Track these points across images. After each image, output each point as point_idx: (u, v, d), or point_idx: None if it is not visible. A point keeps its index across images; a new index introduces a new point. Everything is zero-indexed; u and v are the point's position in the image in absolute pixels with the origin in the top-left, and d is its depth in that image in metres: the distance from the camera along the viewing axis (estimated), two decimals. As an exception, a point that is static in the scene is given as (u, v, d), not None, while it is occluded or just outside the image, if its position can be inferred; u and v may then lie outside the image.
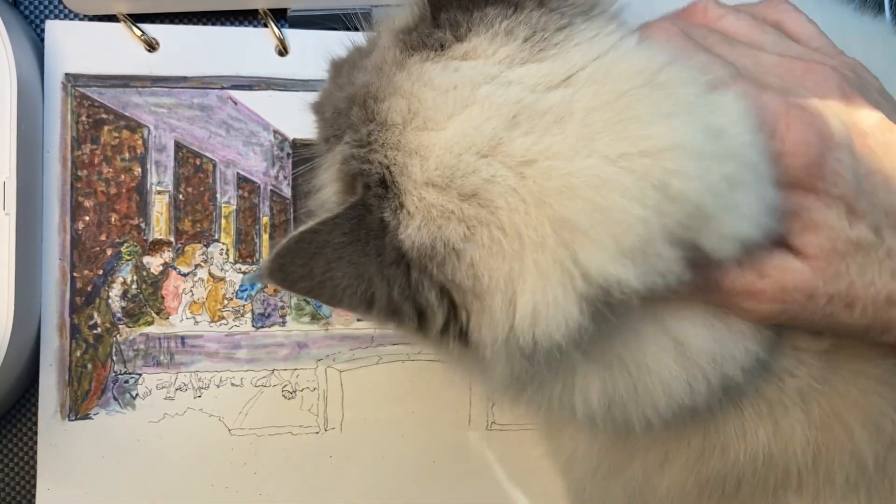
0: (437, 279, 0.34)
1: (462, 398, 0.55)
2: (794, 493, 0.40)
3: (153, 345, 0.53)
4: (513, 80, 0.34)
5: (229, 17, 0.56)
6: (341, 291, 0.34)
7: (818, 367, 0.38)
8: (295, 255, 0.34)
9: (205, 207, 0.54)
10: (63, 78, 0.53)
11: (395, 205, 0.34)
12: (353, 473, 0.54)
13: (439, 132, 0.34)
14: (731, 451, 0.40)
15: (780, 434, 0.39)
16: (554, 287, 0.33)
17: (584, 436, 0.45)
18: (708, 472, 0.40)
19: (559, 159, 0.33)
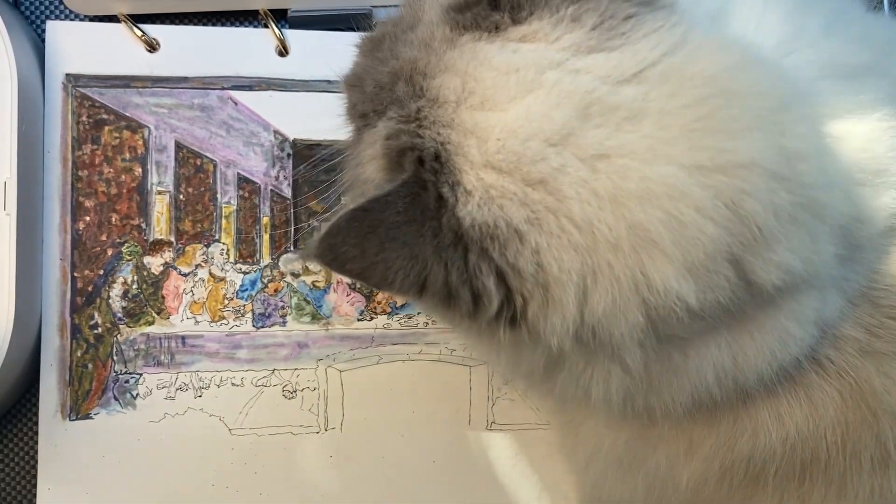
0: (496, 262, 0.33)
1: (462, 398, 0.55)
2: (821, 474, 0.40)
3: (154, 345, 0.53)
4: (581, 69, 0.33)
5: (230, 17, 0.56)
6: (393, 274, 0.33)
7: (853, 353, 0.39)
8: (347, 235, 0.33)
9: (205, 207, 0.54)
10: (64, 78, 0.53)
11: (453, 180, 0.33)
12: (353, 473, 0.54)
13: (499, 113, 0.33)
14: (761, 434, 0.40)
15: (815, 415, 0.39)
16: (624, 290, 0.33)
17: (606, 429, 0.45)
18: (734, 457, 0.40)
19: (636, 160, 0.32)
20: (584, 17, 0.34)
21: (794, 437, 0.39)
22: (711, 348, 0.37)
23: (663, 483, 0.43)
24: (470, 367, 0.55)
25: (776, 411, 0.39)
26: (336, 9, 0.54)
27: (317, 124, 0.55)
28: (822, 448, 0.39)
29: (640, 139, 0.32)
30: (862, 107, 0.38)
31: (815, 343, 0.38)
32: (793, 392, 0.39)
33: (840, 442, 0.39)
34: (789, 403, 0.39)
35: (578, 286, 0.33)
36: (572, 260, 0.33)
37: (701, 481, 0.42)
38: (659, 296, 0.32)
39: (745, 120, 0.33)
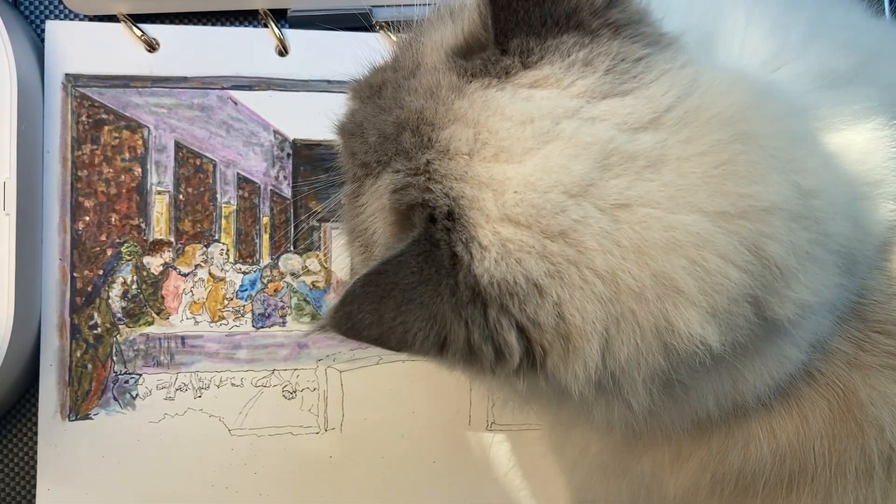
0: (517, 317, 0.33)
1: (462, 398, 0.55)
2: (807, 485, 0.40)
3: (153, 345, 0.53)
4: (597, 117, 0.33)
5: (229, 17, 0.56)
6: (412, 336, 0.32)
7: (841, 366, 0.39)
8: (363, 302, 0.32)
9: (205, 207, 0.54)
10: (63, 78, 0.53)
11: (467, 237, 0.33)
12: (353, 473, 0.54)
13: (516, 165, 0.33)
14: (753, 446, 0.40)
15: (804, 427, 0.39)
16: (647, 337, 0.33)
17: (594, 435, 0.45)
18: (725, 469, 0.41)
19: (659, 209, 0.32)
20: (596, 60, 0.34)
21: (785, 448, 0.39)
22: (713, 378, 0.37)
23: (648, 491, 0.43)
24: (470, 368, 0.55)
25: (769, 424, 0.39)
26: (336, 8, 0.54)
27: (317, 124, 0.54)
28: (810, 459, 0.39)
29: (660, 187, 0.32)
30: (856, 117, 0.38)
31: (808, 358, 0.38)
32: (785, 405, 0.39)
33: (827, 453, 0.39)
34: (781, 416, 0.39)
35: (602, 335, 0.33)
36: (596, 310, 0.33)
37: (691, 491, 0.42)
38: (682, 340, 0.33)
39: (763, 163, 0.33)
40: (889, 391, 0.38)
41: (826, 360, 0.39)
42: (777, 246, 0.33)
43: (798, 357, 0.37)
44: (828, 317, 0.38)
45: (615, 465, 0.44)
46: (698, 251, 0.32)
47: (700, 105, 0.34)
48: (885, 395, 0.38)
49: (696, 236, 0.32)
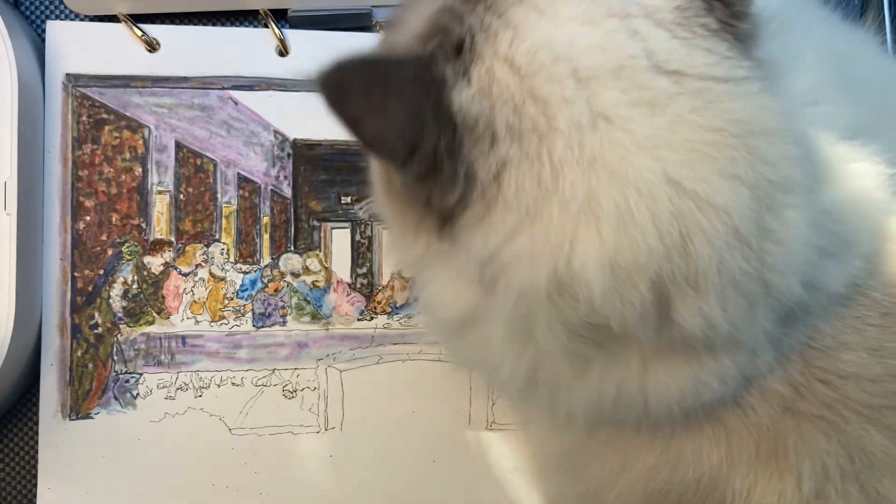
0: (465, 156, 0.33)
1: (462, 398, 0.55)
2: None
3: (154, 344, 0.53)
4: (640, 34, 0.33)
5: (230, 17, 0.56)
6: (389, 128, 0.33)
7: (776, 409, 0.39)
8: (359, 72, 0.33)
9: (205, 207, 0.54)
10: (64, 78, 0.53)
11: (461, 69, 0.33)
12: (353, 473, 0.54)
13: (549, 24, 0.33)
14: (681, 468, 0.40)
15: (729, 460, 0.39)
16: (545, 249, 0.33)
17: (548, 433, 0.45)
18: (655, 485, 0.41)
19: (631, 140, 0.32)
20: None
21: (707, 476, 0.39)
22: (618, 366, 0.36)
23: (594, 494, 0.43)
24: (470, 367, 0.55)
25: (698, 448, 0.39)
26: (336, 9, 0.54)
27: (317, 124, 0.55)
28: (730, 495, 0.39)
29: (645, 125, 0.32)
30: (857, 176, 0.38)
31: (741, 390, 0.38)
32: (716, 433, 0.39)
33: (746, 493, 0.39)
34: (710, 443, 0.39)
35: (516, 220, 0.33)
36: (529, 191, 0.33)
37: (627, 501, 0.42)
38: (570, 274, 0.32)
39: (744, 174, 0.33)
40: (816, 444, 0.38)
41: (762, 399, 0.38)
42: (706, 248, 0.32)
43: (722, 390, 0.37)
44: (766, 351, 0.37)
45: (567, 466, 0.44)
46: (638, 197, 0.32)
47: (728, 96, 0.33)
48: (811, 447, 0.38)
49: (645, 184, 0.32)
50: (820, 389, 0.38)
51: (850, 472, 0.38)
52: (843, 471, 0.38)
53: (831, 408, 0.38)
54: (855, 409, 0.38)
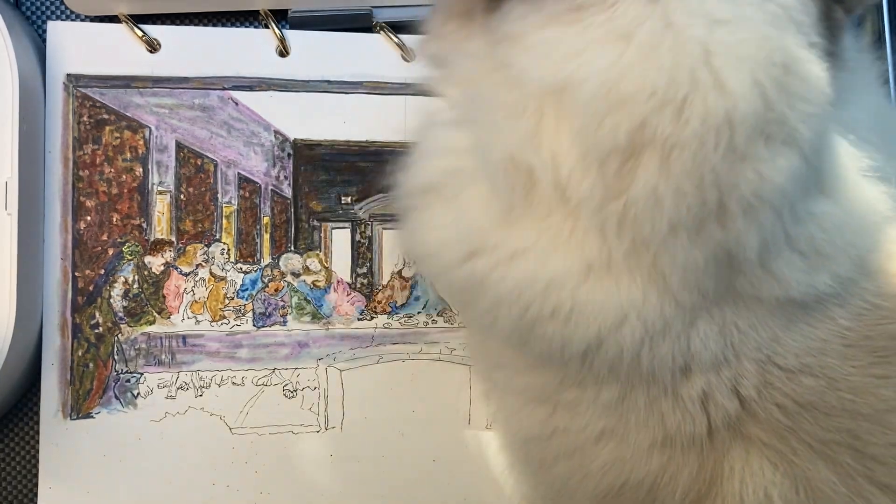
0: None
1: (462, 398, 0.55)
2: None
3: (154, 344, 0.53)
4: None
5: (230, 17, 0.56)
6: None
7: (724, 430, 0.38)
8: None
9: (206, 207, 0.54)
10: (65, 78, 0.53)
11: None
12: (353, 472, 0.54)
13: None
14: (628, 465, 0.40)
15: (671, 471, 0.39)
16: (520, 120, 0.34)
17: (518, 377, 0.44)
18: (608, 480, 0.40)
19: (700, 8, 0.33)
20: None
21: (649, 483, 0.39)
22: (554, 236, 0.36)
23: (563, 486, 0.43)
24: (470, 367, 0.55)
25: (642, 441, 0.39)
26: (336, 9, 0.54)
27: (317, 124, 0.55)
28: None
29: (717, 5, 0.33)
30: (859, 203, 0.38)
31: (677, 376, 0.37)
32: (658, 433, 0.39)
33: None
34: (652, 443, 0.39)
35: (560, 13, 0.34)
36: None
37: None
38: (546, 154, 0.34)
39: (768, 93, 0.33)
40: (762, 473, 0.37)
41: (707, 412, 0.38)
42: (697, 125, 0.32)
43: (637, 333, 0.36)
44: (704, 325, 0.36)
45: (534, 449, 0.44)
46: (671, 44, 0.32)
47: (795, 42, 0.34)
48: (756, 475, 0.37)
49: (684, 40, 0.32)
50: (775, 415, 0.37)
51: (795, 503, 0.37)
52: (789, 501, 0.37)
53: (783, 438, 0.37)
54: (806, 443, 0.37)
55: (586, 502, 0.42)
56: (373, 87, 0.55)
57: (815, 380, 0.37)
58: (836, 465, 0.37)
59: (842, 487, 0.37)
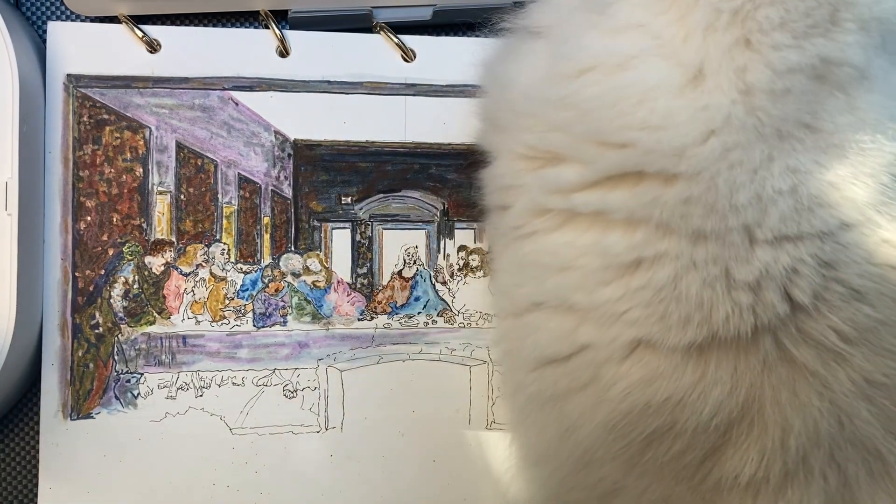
0: None
1: (462, 398, 0.55)
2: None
3: (155, 344, 0.53)
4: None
5: (230, 18, 0.56)
6: None
7: (773, 348, 0.38)
8: None
9: (206, 208, 0.54)
10: (65, 79, 0.53)
11: None
12: (353, 472, 0.54)
13: None
14: (653, 385, 0.39)
15: (703, 386, 0.38)
16: None
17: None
18: (624, 407, 0.40)
19: None
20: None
21: (676, 403, 0.38)
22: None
23: (568, 434, 0.42)
24: (470, 367, 0.55)
25: (674, 361, 0.39)
26: (337, 10, 0.54)
27: (317, 125, 0.55)
28: (700, 438, 0.38)
29: None
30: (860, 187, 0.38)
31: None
32: (701, 350, 0.38)
33: (720, 439, 0.38)
34: (688, 358, 0.38)
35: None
36: None
37: (596, 435, 0.41)
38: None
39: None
40: (809, 405, 0.37)
41: (759, 324, 0.37)
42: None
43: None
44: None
45: (541, 403, 0.44)
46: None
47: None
48: (803, 407, 0.37)
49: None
50: (830, 338, 0.37)
51: (840, 440, 0.37)
52: (834, 437, 0.37)
53: (831, 369, 0.37)
54: (853, 380, 0.37)
55: (590, 440, 0.41)
56: (373, 87, 0.55)
57: (873, 310, 0.37)
58: (878, 409, 0.37)
59: (879, 432, 0.37)
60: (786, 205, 0.37)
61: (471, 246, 0.56)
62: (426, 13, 0.55)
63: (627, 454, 0.40)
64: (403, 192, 0.56)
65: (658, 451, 0.39)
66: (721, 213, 0.37)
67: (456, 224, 0.56)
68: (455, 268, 0.56)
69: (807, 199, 0.37)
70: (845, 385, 0.37)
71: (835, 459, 0.37)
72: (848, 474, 0.37)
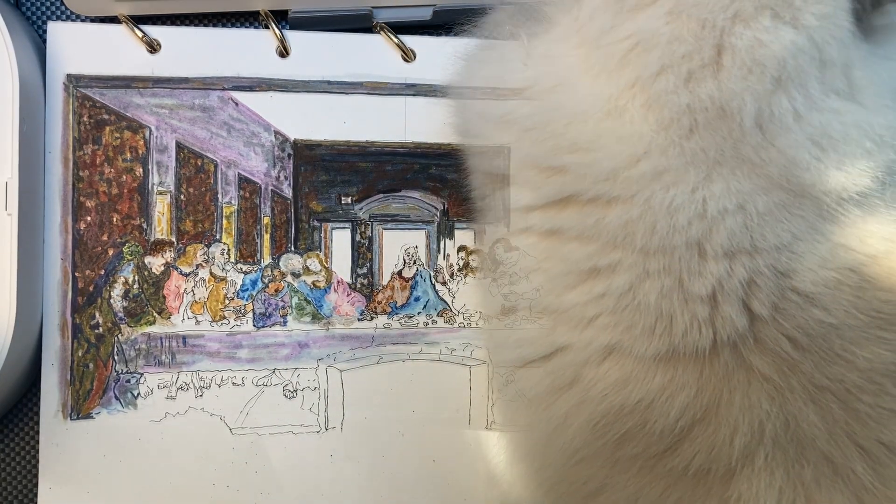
0: None
1: (462, 398, 0.55)
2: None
3: (155, 344, 0.53)
4: None
5: (230, 18, 0.56)
6: None
7: (729, 355, 0.39)
8: None
9: (206, 208, 0.54)
10: (65, 79, 0.53)
11: None
12: (353, 472, 0.54)
13: None
14: (627, 387, 0.40)
15: (671, 389, 0.39)
16: None
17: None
18: (603, 408, 0.41)
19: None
20: None
21: (645, 405, 0.40)
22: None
23: (556, 433, 0.43)
24: (470, 367, 0.55)
25: (645, 369, 0.40)
26: (337, 10, 0.54)
27: (317, 125, 0.55)
28: (664, 433, 0.40)
29: None
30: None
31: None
32: (668, 353, 0.39)
33: (679, 433, 0.40)
34: (657, 364, 0.40)
35: None
36: None
37: (580, 436, 0.42)
38: None
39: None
40: (758, 408, 0.38)
41: (717, 337, 0.39)
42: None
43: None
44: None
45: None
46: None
47: None
48: (754, 405, 0.38)
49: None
50: (783, 347, 0.38)
51: (783, 440, 0.38)
52: (777, 437, 0.38)
53: (783, 374, 0.38)
54: (803, 384, 0.38)
55: (578, 439, 0.42)
56: (373, 87, 0.55)
57: (826, 315, 0.37)
58: (824, 413, 0.38)
59: (824, 435, 0.38)
60: (734, 222, 0.37)
61: (471, 246, 0.56)
62: (426, 13, 0.55)
63: (607, 451, 0.41)
64: (403, 193, 0.56)
65: (631, 448, 0.40)
66: (662, 232, 0.38)
67: (456, 224, 0.56)
68: (455, 268, 0.56)
69: (756, 216, 0.37)
70: (796, 390, 0.38)
71: (782, 459, 0.38)
72: (801, 474, 0.38)
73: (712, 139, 0.37)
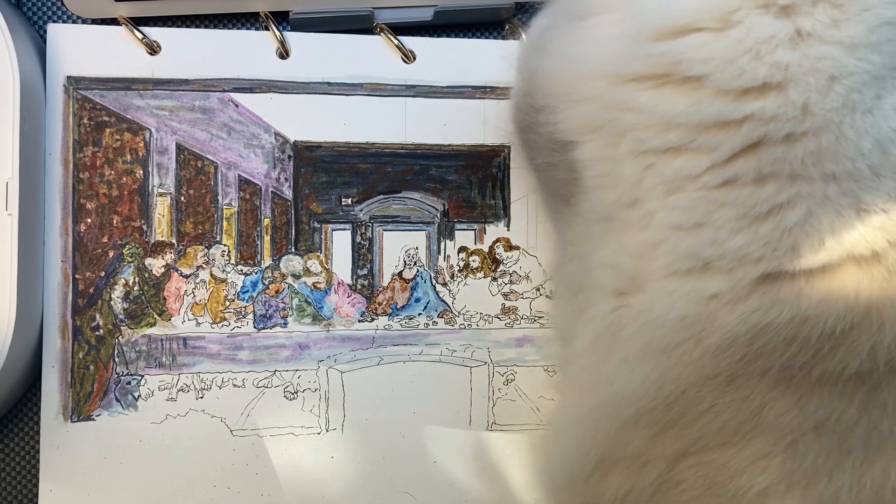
0: None
1: (462, 399, 0.55)
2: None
3: (155, 346, 0.53)
4: None
5: (231, 20, 0.56)
6: None
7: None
8: None
9: (206, 209, 0.54)
10: (65, 81, 0.53)
11: None
12: (354, 474, 0.54)
13: None
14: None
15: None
16: None
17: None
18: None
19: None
20: None
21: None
22: None
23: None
24: (470, 368, 0.55)
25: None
26: (338, 11, 0.54)
27: (318, 126, 0.55)
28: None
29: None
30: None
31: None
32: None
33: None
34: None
35: None
36: None
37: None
38: None
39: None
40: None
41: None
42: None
43: None
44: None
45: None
46: None
47: None
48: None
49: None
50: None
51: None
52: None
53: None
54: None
55: (694, 374, 0.41)
56: (373, 88, 0.55)
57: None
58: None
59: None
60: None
61: (471, 247, 0.56)
62: (427, 14, 0.55)
63: (729, 372, 0.40)
64: (404, 194, 0.56)
65: (768, 360, 0.39)
66: (850, 157, 0.38)
67: (456, 225, 0.56)
68: (455, 269, 0.56)
69: None
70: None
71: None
72: None
73: (891, 51, 0.37)
